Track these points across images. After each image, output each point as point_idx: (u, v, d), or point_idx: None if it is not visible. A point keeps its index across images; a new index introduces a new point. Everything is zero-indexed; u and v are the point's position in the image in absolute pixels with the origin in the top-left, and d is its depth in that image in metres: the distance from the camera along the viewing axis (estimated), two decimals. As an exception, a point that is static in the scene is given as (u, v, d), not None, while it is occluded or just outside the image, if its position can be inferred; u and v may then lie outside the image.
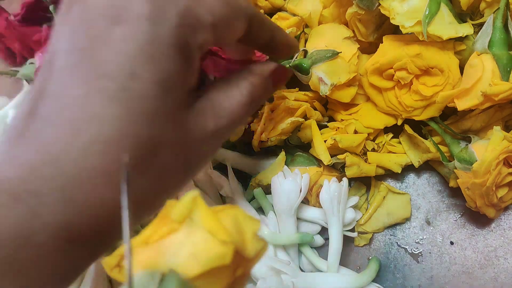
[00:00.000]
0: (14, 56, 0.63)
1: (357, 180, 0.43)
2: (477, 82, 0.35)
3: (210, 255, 0.16)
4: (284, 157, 0.42)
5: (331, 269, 0.38)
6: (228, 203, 0.42)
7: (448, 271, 0.39)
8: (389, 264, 0.41)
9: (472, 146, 0.36)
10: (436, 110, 0.38)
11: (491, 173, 0.34)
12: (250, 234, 0.17)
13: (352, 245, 0.42)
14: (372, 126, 0.41)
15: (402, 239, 0.42)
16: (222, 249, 0.16)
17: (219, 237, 0.16)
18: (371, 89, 0.40)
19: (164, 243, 0.16)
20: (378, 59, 0.38)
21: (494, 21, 0.35)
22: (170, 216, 0.17)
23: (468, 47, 0.38)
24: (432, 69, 0.37)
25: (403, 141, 0.42)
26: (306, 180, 0.39)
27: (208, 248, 0.16)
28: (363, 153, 0.41)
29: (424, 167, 0.43)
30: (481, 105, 0.35)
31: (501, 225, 0.40)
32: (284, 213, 0.39)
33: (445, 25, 0.36)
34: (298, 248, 0.41)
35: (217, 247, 0.16)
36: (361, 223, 0.42)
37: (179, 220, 0.17)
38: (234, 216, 0.18)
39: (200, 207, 0.17)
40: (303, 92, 0.42)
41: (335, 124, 0.42)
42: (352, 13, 0.40)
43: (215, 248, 0.16)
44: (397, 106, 0.39)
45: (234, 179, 0.43)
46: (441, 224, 0.41)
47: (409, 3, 0.36)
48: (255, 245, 0.17)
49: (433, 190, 0.42)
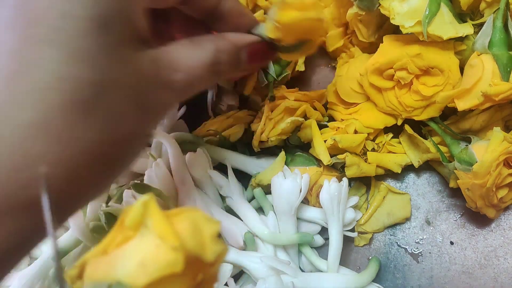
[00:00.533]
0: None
1: (357, 180, 0.43)
2: (477, 82, 0.35)
3: (159, 263, 0.15)
4: (284, 157, 0.42)
5: (331, 269, 0.38)
6: (228, 203, 0.42)
7: (448, 271, 0.39)
8: (389, 264, 0.41)
9: (472, 147, 0.36)
10: (436, 110, 0.38)
11: (491, 174, 0.34)
12: (209, 237, 0.17)
13: (352, 245, 0.42)
14: (372, 126, 0.41)
15: (402, 239, 0.42)
16: (173, 256, 0.15)
17: (169, 243, 0.15)
18: (371, 89, 0.40)
19: (118, 252, 0.16)
20: (378, 59, 0.38)
21: (494, 21, 0.35)
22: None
23: (468, 47, 0.38)
24: (432, 69, 0.37)
25: (403, 141, 0.42)
26: (306, 180, 0.39)
27: (158, 256, 0.15)
28: (363, 153, 0.41)
29: (424, 167, 0.43)
30: (481, 105, 0.35)
31: (501, 225, 0.40)
32: (284, 213, 0.39)
33: (445, 25, 0.36)
34: (298, 248, 0.41)
35: (168, 254, 0.15)
36: (361, 223, 0.42)
37: (132, 226, 0.16)
38: (193, 219, 0.17)
39: (152, 212, 0.16)
40: (303, 92, 0.42)
41: (335, 124, 0.42)
42: (353, 13, 0.40)
43: (165, 255, 0.15)
44: (397, 106, 0.39)
45: (234, 179, 0.43)
46: (441, 224, 0.41)
47: (409, 3, 0.36)
48: (214, 248, 0.16)
49: (433, 190, 0.42)
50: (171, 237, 0.15)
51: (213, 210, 0.40)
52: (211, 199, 0.42)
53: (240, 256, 0.37)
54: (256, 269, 0.36)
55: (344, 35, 0.46)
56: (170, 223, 0.16)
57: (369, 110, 0.42)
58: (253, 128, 0.43)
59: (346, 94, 0.43)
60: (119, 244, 0.16)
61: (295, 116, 0.41)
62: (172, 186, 0.41)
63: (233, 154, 0.45)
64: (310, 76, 0.51)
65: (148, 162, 0.43)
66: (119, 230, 0.16)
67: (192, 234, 0.16)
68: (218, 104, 0.48)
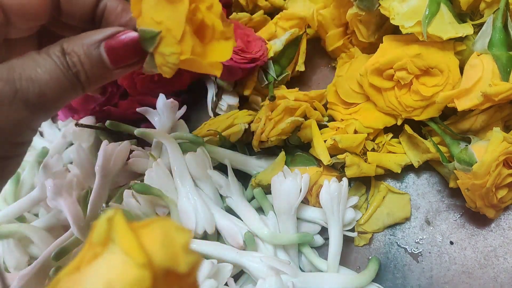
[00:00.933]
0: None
1: (357, 180, 0.43)
2: (477, 82, 0.35)
3: (126, 281, 0.14)
4: (284, 157, 0.42)
5: (331, 269, 0.38)
6: (228, 203, 0.42)
7: (448, 271, 0.39)
8: (389, 264, 0.41)
9: (472, 147, 0.36)
10: (436, 110, 0.38)
11: (491, 174, 0.34)
12: (181, 247, 0.16)
13: (352, 245, 0.42)
14: (372, 126, 0.41)
15: (402, 239, 0.42)
16: (140, 273, 0.14)
17: (135, 260, 0.14)
18: (371, 89, 0.40)
19: (88, 269, 0.15)
20: (378, 59, 0.38)
21: (494, 22, 0.35)
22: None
23: (468, 47, 0.38)
24: (432, 69, 0.37)
25: (403, 141, 0.42)
26: (306, 180, 0.39)
27: (125, 273, 0.14)
28: (363, 153, 0.41)
29: (424, 167, 0.43)
30: (481, 105, 0.35)
31: (501, 225, 0.40)
32: (284, 213, 0.39)
33: (445, 26, 0.36)
34: (298, 248, 0.41)
35: (134, 271, 0.14)
36: (361, 223, 0.42)
37: (99, 243, 0.15)
38: (163, 229, 0.16)
39: (118, 227, 0.15)
40: (303, 92, 0.42)
41: (335, 124, 0.42)
42: (353, 14, 0.40)
43: (132, 272, 0.14)
44: (397, 106, 0.39)
45: (234, 179, 0.43)
46: (441, 224, 0.41)
47: (409, 3, 0.36)
48: (188, 258, 0.16)
49: (433, 190, 0.42)
50: (137, 253, 0.15)
51: (213, 210, 0.40)
52: (211, 199, 0.42)
53: (240, 256, 0.37)
54: (256, 269, 0.36)
55: (344, 35, 0.46)
56: (136, 238, 0.15)
57: (369, 110, 0.42)
58: (253, 128, 0.43)
59: (346, 94, 0.43)
60: (89, 261, 0.15)
61: (295, 116, 0.41)
62: (172, 186, 0.41)
63: (233, 154, 0.45)
64: (310, 76, 0.51)
65: (148, 162, 0.43)
66: (89, 246, 0.16)
67: (163, 246, 0.15)
68: (218, 104, 0.48)
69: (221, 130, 0.45)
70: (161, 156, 0.44)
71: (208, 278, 0.34)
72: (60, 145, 0.52)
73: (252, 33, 0.46)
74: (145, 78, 0.45)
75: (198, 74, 0.49)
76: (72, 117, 0.51)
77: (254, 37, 0.46)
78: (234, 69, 0.44)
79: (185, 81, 0.49)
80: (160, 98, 0.47)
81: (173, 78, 0.49)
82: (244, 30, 0.46)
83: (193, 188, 0.41)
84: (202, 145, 0.43)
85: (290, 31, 0.45)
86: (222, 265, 0.36)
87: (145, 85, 0.47)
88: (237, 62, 0.42)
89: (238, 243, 0.39)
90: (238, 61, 0.43)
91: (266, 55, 0.44)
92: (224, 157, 0.44)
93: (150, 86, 0.47)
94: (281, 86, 0.46)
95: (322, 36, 0.48)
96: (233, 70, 0.44)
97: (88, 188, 0.43)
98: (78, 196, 0.42)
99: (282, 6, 0.50)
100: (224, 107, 0.48)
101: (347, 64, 0.43)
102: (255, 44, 0.45)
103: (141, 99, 0.49)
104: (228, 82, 0.46)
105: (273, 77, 0.44)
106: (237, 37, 0.44)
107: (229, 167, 0.43)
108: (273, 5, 0.50)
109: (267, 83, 0.44)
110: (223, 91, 0.49)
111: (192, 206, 0.39)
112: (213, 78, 0.48)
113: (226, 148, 0.45)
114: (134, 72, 0.45)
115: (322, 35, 0.48)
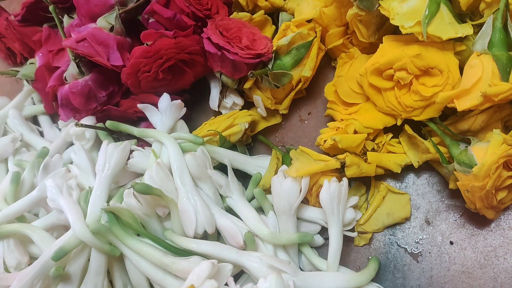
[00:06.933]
0: (14, 56, 0.63)
1: (357, 180, 0.43)
2: (477, 82, 0.35)
3: None
4: (276, 156, 0.42)
5: (331, 268, 0.38)
6: (228, 203, 0.42)
7: (448, 271, 0.40)
8: (388, 264, 0.41)
9: (471, 149, 0.36)
10: (435, 111, 0.38)
11: (490, 176, 0.34)
12: None
13: (352, 245, 0.42)
14: (372, 126, 0.41)
15: (401, 239, 0.42)
16: None
17: None
18: (371, 89, 0.40)
19: None
20: (378, 59, 0.38)
21: (493, 22, 0.35)
22: None
23: (467, 48, 0.38)
24: (431, 70, 0.37)
25: (403, 141, 0.42)
26: (306, 180, 0.39)
27: None
28: (363, 153, 0.41)
29: (424, 167, 0.43)
30: (481, 106, 0.35)
31: (501, 225, 0.40)
32: (284, 213, 0.39)
33: (445, 26, 0.36)
34: (298, 248, 0.41)
35: None
36: (361, 223, 0.42)
37: None
38: None
39: None
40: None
41: (335, 124, 0.42)
42: (353, 14, 0.40)
43: None
44: (396, 106, 0.39)
45: (234, 179, 0.43)
46: (440, 224, 0.41)
47: (409, 3, 0.36)
48: None
49: (432, 190, 0.43)
50: None
51: (213, 210, 0.40)
52: (211, 199, 0.42)
53: (240, 256, 0.37)
54: (256, 268, 0.36)
55: (344, 35, 0.46)
56: None
57: (368, 110, 0.42)
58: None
59: (346, 94, 0.43)
60: None
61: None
62: (172, 186, 0.41)
63: (233, 154, 0.45)
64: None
65: (148, 162, 0.43)
66: None
67: None
68: (222, 101, 0.48)
69: (221, 130, 0.45)
70: (161, 156, 0.44)
71: (208, 278, 0.34)
72: (60, 145, 0.52)
73: (258, 31, 0.47)
74: (149, 76, 0.45)
75: (202, 73, 0.50)
76: (73, 117, 0.51)
77: (259, 35, 0.46)
78: (240, 65, 0.44)
79: (189, 80, 0.49)
80: (165, 97, 0.47)
81: (177, 77, 0.50)
82: (250, 28, 0.47)
83: (193, 188, 0.41)
84: (202, 145, 0.43)
85: (299, 30, 0.45)
86: (222, 265, 0.36)
87: (149, 84, 0.47)
88: (242, 58, 0.43)
89: (238, 243, 0.39)
90: (243, 56, 0.43)
91: (271, 52, 0.45)
92: (224, 157, 0.44)
93: (154, 84, 0.47)
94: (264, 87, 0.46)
95: (323, 35, 0.48)
96: (239, 66, 0.44)
97: (88, 188, 0.43)
98: (78, 196, 0.42)
99: (282, 6, 0.50)
100: (229, 104, 0.48)
101: (347, 64, 0.43)
102: (260, 42, 0.45)
103: (143, 98, 0.49)
104: (232, 79, 0.46)
105: (267, 69, 0.44)
106: (243, 35, 0.45)
107: (229, 167, 0.43)
108: (273, 5, 0.50)
109: (252, 73, 0.43)
110: (227, 89, 0.49)
111: (192, 206, 0.39)
112: (218, 75, 0.47)
113: (226, 148, 0.45)
114: (139, 70, 0.45)
115: (323, 34, 0.48)
